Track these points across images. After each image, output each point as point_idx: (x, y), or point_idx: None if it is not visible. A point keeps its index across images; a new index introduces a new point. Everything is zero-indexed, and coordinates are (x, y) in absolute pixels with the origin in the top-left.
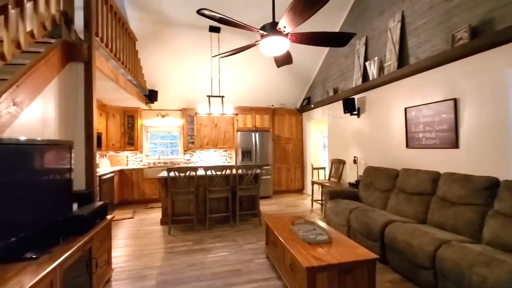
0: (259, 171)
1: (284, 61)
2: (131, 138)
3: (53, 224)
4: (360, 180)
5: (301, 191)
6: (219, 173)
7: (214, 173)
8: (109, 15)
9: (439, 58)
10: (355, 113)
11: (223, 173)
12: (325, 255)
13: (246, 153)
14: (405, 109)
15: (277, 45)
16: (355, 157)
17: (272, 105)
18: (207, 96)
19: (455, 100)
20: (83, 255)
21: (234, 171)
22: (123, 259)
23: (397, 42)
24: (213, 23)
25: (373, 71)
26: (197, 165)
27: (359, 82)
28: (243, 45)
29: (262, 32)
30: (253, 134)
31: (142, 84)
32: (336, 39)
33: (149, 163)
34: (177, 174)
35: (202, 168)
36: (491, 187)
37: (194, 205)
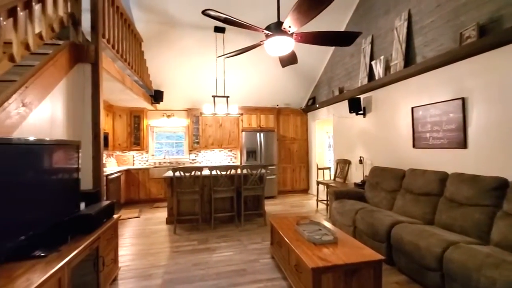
0: (264, 171)
1: (289, 61)
2: (137, 138)
3: (61, 223)
4: (366, 180)
5: (306, 191)
6: (224, 173)
7: (219, 173)
8: (115, 16)
9: (447, 57)
10: (361, 112)
11: (228, 173)
12: (331, 256)
13: (251, 153)
14: (412, 108)
15: (282, 45)
16: (360, 157)
17: (277, 105)
18: (212, 96)
19: (463, 99)
20: (91, 253)
21: (239, 171)
22: (129, 258)
23: (403, 41)
24: (218, 24)
25: (379, 70)
26: (202, 165)
27: (365, 81)
28: (248, 45)
29: (267, 32)
30: (258, 134)
31: (148, 84)
32: (341, 39)
33: (154, 163)
34: (182, 174)
35: (207, 168)
36: (500, 187)
37: (199, 205)
